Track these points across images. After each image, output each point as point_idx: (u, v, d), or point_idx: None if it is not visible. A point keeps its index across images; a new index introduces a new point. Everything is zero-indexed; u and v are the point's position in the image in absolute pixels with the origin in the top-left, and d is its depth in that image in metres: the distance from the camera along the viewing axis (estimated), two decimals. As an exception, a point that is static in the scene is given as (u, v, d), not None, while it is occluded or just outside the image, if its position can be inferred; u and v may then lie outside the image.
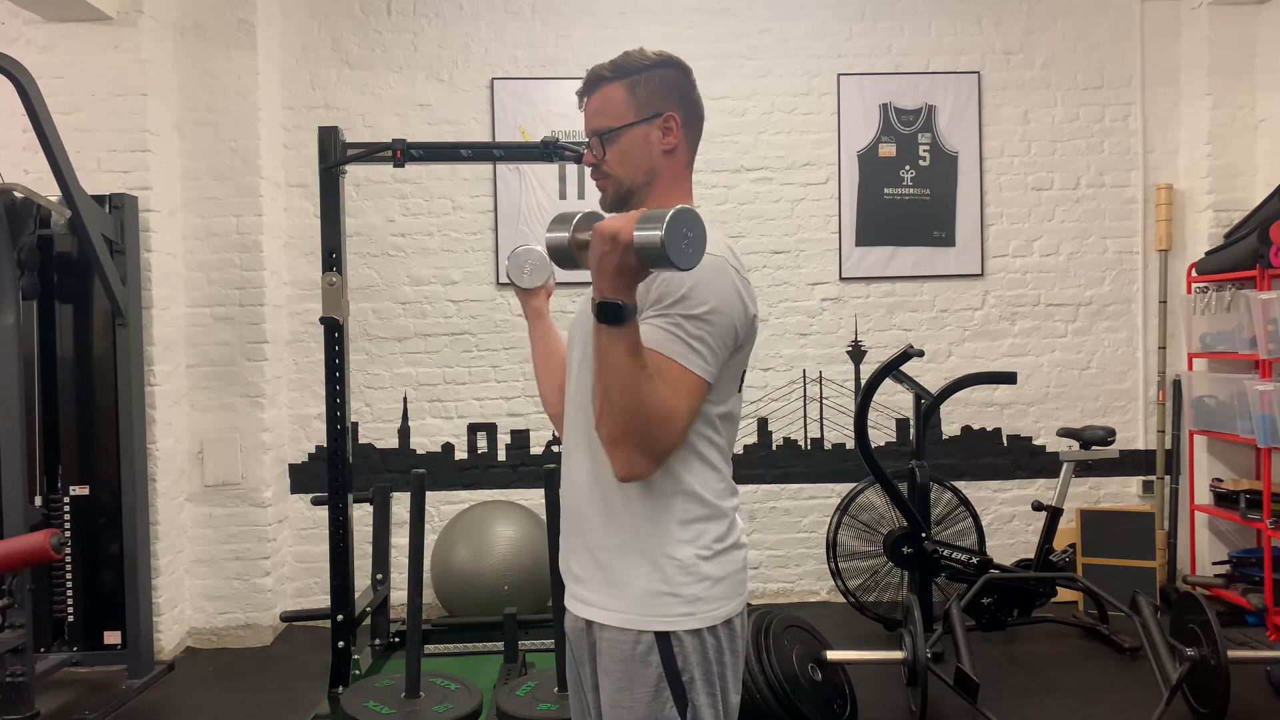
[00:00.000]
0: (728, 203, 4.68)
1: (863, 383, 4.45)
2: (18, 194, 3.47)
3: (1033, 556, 4.10)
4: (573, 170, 4.60)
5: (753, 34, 4.67)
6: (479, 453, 4.66)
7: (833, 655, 3.29)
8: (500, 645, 3.59)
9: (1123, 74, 4.74)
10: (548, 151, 3.31)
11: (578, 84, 1.55)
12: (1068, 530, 4.37)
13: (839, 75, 4.68)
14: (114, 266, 3.65)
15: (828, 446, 4.73)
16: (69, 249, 3.78)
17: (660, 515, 1.40)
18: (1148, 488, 4.76)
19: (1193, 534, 4.68)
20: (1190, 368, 4.67)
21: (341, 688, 3.24)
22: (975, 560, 3.92)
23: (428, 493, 3.57)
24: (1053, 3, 4.73)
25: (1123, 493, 4.79)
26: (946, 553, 3.95)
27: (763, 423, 4.72)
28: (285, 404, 4.54)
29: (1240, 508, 4.27)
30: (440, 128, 4.58)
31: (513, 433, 4.67)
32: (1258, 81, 4.58)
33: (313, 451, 4.55)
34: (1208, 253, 4.56)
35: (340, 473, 3.42)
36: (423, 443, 4.64)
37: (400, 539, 4.15)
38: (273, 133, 4.42)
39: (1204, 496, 4.61)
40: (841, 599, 4.34)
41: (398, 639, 3.68)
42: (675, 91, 1.52)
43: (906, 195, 4.70)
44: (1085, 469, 4.61)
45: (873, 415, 4.49)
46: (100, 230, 3.58)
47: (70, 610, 3.77)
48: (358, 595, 3.51)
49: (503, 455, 4.66)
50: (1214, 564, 4.55)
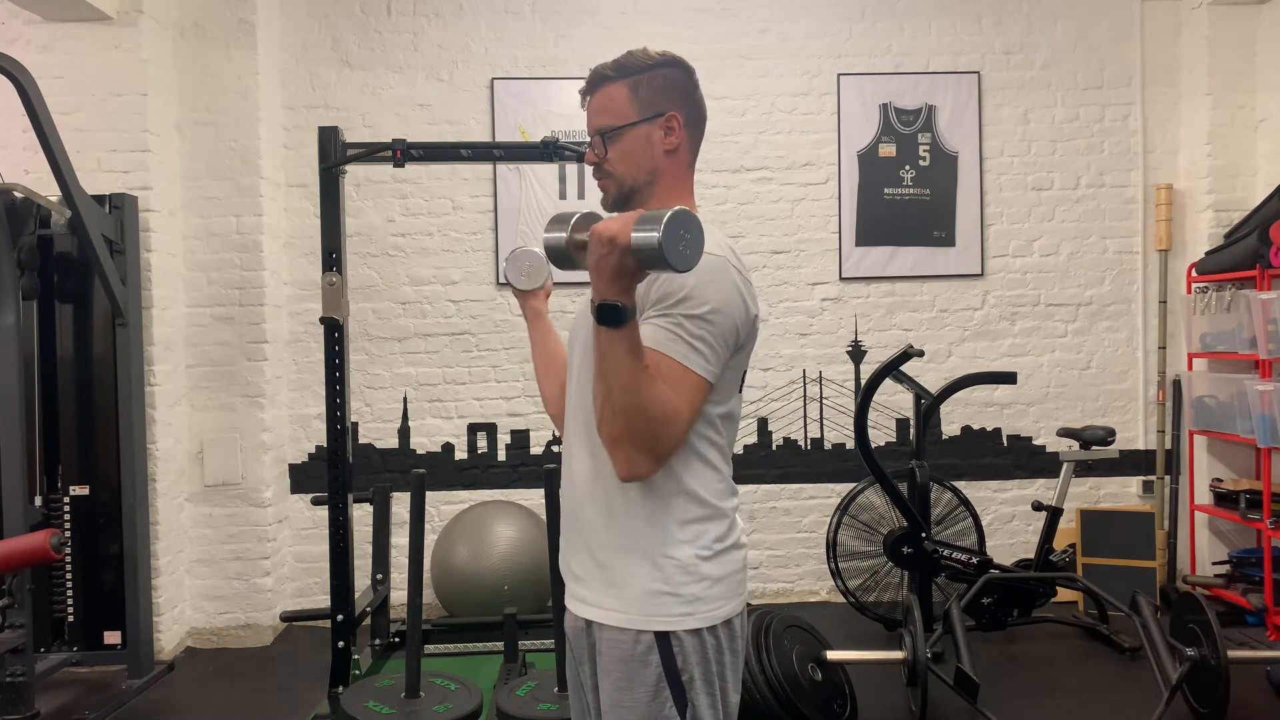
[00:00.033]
0: (728, 203, 4.68)
1: (863, 383, 4.45)
2: (18, 194, 3.47)
3: (1033, 556, 4.10)
4: (573, 170, 4.60)
5: (753, 34, 4.67)
6: (479, 453, 4.66)
7: (833, 655, 3.29)
8: (500, 645, 3.59)
9: (1123, 74, 4.74)
10: (548, 151, 3.30)
11: (578, 84, 1.56)
12: (1068, 530, 4.37)
13: (839, 75, 4.68)
14: (114, 266, 3.65)
15: (828, 446, 4.73)
16: (69, 249, 3.78)
17: (660, 515, 1.40)
18: (1148, 488, 4.76)
19: (1193, 534, 4.68)
20: (1190, 368, 4.67)
21: (341, 688, 3.24)
22: (975, 560, 3.92)
23: (428, 493, 3.57)
24: (1053, 3, 4.73)
25: (1123, 493, 4.79)
26: (946, 553, 3.95)
27: (763, 423, 4.72)
28: (285, 404, 4.54)
29: (1240, 508, 4.27)
30: (440, 128, 4.58)
31: (513, 433, 4.67)
32: (1258, 81, 4.58)
33: (313, 451, 4.55)
34: (1208, 253, 4.56)
35: (340, 473, 3.42)
36: (423, 443, 4.64)
37: (400, 539, 4.15)
38: (273, 133, 4.42)
39: (1204, 496, 4.61)
40: (841, 599, 4.34)
41: (398, 639, 3.68)
42: (678, 91, 1.52)
43: (906, 195, 4.70)
44: (1085, 469, 4.61)
45: (873, 415, 4.49)
46: (100, 230, 3.58)
47: (70, 610, 3.77)
48: (358, 595, 3.52)
49: (503, 455, 4.66)
50: (1214, 564, 4.55)
